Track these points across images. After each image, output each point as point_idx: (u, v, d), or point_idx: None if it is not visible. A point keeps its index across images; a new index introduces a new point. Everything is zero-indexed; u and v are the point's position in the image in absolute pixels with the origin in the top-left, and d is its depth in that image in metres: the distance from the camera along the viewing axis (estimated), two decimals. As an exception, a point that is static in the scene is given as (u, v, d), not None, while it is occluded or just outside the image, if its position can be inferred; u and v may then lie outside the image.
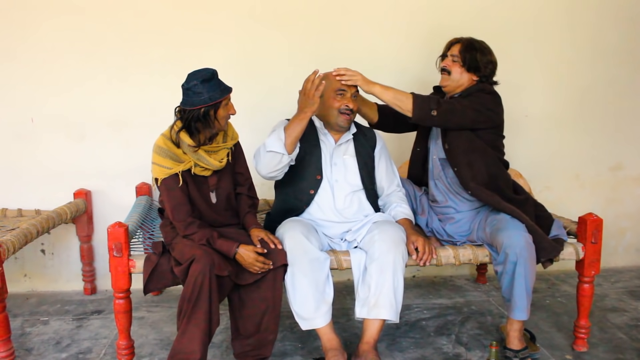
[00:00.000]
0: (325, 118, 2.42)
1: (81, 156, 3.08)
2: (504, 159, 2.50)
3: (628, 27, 3.35)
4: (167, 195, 2.14)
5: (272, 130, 2.33)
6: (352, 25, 3.14)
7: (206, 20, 3.04)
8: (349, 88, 2.35)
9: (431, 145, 2.57)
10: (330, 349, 2.17)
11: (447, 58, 2.48)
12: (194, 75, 2.06)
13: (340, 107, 2.35)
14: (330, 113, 2.38)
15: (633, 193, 3.53)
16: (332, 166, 2.44)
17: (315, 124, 2.47)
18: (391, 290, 2.16)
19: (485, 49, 2.46)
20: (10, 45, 2.97)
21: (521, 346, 2.29)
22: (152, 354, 2.44)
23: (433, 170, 2.56)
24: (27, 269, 3.18)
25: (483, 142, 2.38)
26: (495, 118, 2.40)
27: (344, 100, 2.35)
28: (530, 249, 2.19)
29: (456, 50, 2.45)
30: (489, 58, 2.45)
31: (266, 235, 2.19)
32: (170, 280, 2.15)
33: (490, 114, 2.36)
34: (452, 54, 2.46)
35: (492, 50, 2.47)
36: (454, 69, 2.45)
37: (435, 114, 2.29)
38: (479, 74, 2.44)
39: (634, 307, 2.93)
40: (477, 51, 2.42)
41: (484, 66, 2.43)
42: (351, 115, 2.38)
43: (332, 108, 2.36)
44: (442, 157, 2.47)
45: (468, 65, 2.42)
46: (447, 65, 2.47)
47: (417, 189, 2.67)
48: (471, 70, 2.43)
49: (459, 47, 2.45)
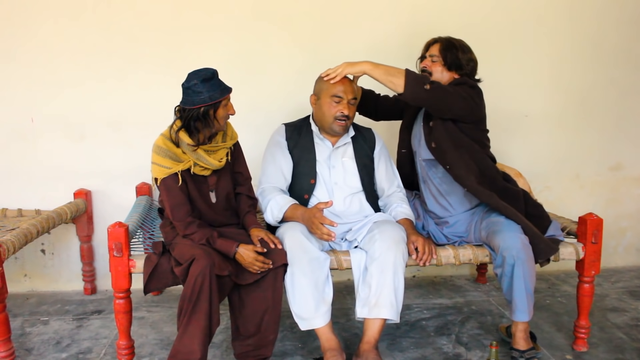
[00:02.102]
0: (320, 122, 2.42)
1: (81, 156, 3.08)
2: (490, 153, 2.47)
3: (628, 27, 3.35)
4: (167, 195, 2.14)
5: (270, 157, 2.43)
6: (353, 25, 3.14)
7: (206, 20, 3.04)
8: (345, 94, 2.33)
9: (415, 146, 2.55)
10: (329, 349, 2.17)
11: (427, 59, 2.48)
12: (195, 75, 2.06)
13: (336, 113, 2.34)
14: (326, 119, 2.37)
15: (633, 193, 3.53)
16: (330, 169, 2.44)
17: (312, 128, 2.47)
18: (392, 290, 2.16)
19: (465, 47, 2.44)
20: (11, 45, 2.97)
21: (527, 346, 2.27)
22: (152, 354, 2.44)
23: (420, 172, 2.55)
24: (27, 269, 3.18)
25: (468, 138, 2.36)
26: (477, 111, 2.37)
27: (340, 106, 2.34)
28: (527, 250, 2.18)
29: (435, 50, 2.44)
30: (469, 56, 2.44)
31: (266, 235, 2.19)
32: (170, 280, 2.15)
33: (474, 105, 2.34)
34: (431, 54, 2.46)
35: (471, 49, 2.46)
36: (435, 69, 2.44)
37: (428, 88, 2.24)
38: (460, 72, 2.43)
39: (634, 307, 2.93)
40: (457, 49, 2.42)
41: (465, 64, 2.42)
42: (347, 121, 2.36)
43: (328, 114, 2.35)
44: (427, 157, 2.45)
45: (449, 64, 2.41)
46: (427, 66, 2.46)
47: (409, 193, 2.65)
48: (452, 69, 2.42)
49: (438, 47, 2.44)
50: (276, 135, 2.49)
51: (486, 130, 2.48)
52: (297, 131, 2.48)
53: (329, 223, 2.13)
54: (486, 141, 2.47)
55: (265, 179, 2.42)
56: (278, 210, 2.32)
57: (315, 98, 2.42)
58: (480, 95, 2.40)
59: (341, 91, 2.33)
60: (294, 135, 2.46)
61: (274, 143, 2.47)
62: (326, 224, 2.13)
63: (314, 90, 2.45)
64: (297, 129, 2.49)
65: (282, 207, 2.31)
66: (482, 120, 2.44)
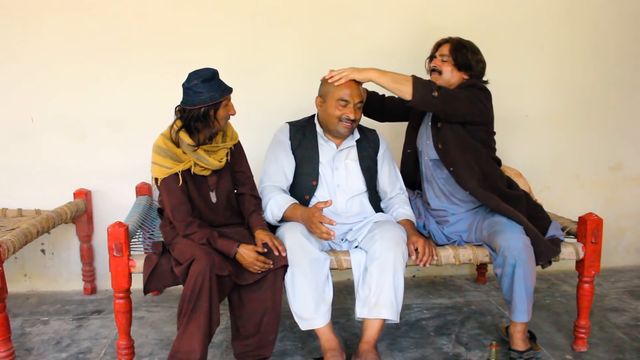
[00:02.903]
0: (325, 124, 2.41)
1: (81, 156, 3.08)
2: (495, 156, 2.48)
3: (629, 27, 3.35)
4: (167, 195, 2.14)
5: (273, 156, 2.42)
6: (354, 25, 3.14)
7: (207, 19, 3.04)
8: (352, 98, 2.31)
9: (421, 147, 2.55)
10: (329, 350, 2.17)
11: (436, 58, 2.48)
12: (195, 75, 2.06)
13: (341, 116, 2.33)
14: (331, 121, 2.36)
15: (633, 193, 3.53)
16: (334, 171, 2.44)
17: (317, 129, 2.46)
18: (392, 290, 2.16)
19: (475, 48, 2.46)
20: (11, 45, 2.97)
21: (525, 347, 2.28)
22: (152, 354, 2.44)
23: (425, 172, 2.55)
24: (27, 268, 3.18)
25: (475, 140, 2.37)
26: (487, 113, 2.38)
27: (346, 110, 2.32)
28: (529, 251, 2.18)
29: (446, 50, 2.45)
30: (479, 57, 2.45)
31: (270, 240, 2.17)
32: (170, 280, 2.15)
33: (483, 108, 2.35)
34: (442, 53, 2.46)
35: (480, 50, 2.47)
36: (445, 69, 2.44)
37: (436, 95, 2.24)
38: (470, 73, 2.44)
39: (634, 307, 2.93)
40: (467, 50, 2.43)
41: (475, 65, 2.43)
42: (352, 124, 2.36)
43: (333, 116, 2.34)
44: (433, 158, 2.45)
45: (459, 64, 2.42)
46: (437, 65, 2.47)
47: (410, 192, 2.65)
48: (462, 69, 2.43)
49: (448, 47, 2.45)
50: (279, 134, 2.48)
51: (493, 133, 2.48)
52: (301, 131, 2.47)
53: (327, 222, 2.13)
54: (492, 143, 2.48)
55: (266, 177, 2.42)
56: (278, 210, 2.32)
57: (321, 100, 2.40)
58: (489, 97, 2.41)
59: (348, 95, 2.31)
60: (298, 135, 2.46)
61: (277, 142, 2.46)
62: (325, 222, 2.13)
63: (319, 92, 2.42)
64: (301, 128, 2.48)
65: (282, 207, 2.31)
66: (490, 122, 2.45)
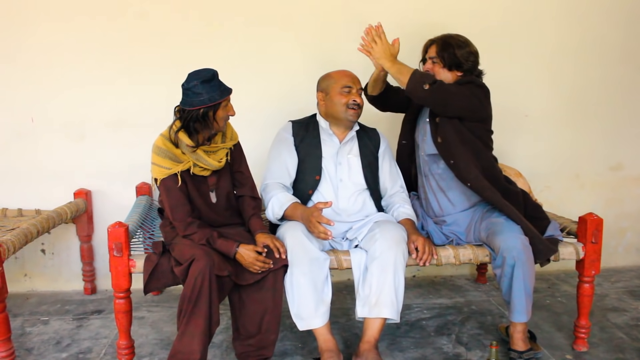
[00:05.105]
0: (333, 115, 2.45)
1: (81, 156, 3.08)
2: (493, 155, 2.48)
3: (629, 27, 3.35)
4: (167, 195, 2.14)
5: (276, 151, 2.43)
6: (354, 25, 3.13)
7: (207, 19, 3.04)
8: (354, 84, 2.41)
9: (418, 141, 2.56)
10: (326, 350, 2.17)
11: (427, 62, 2.49)
12: (195, 75, 2.06)
13: (348, 102, 2.39)
14: (339, 109, 2.41)
15: (633, 193, 3.53)
16: (337, 165, 2.45)
17: (321, 124, 2.49)
18: (392, 289, 2.16)
19: (462, 42, 2.43)
20: (11, 46, 2.97)
21: (525, 347, 2.27)
22: (152, 354, 2.44)
23: (422, 167, 2.55)
24: (27, 268, 3.18)
25: (473, 136, 2.37)
26: (483, 110, 2.38)
27: (351, 95, 2.40)
28: (527, 251, 2.18)
29: (433, 52, 2.45)
30: (467, 50, 2.42)
31: (272, 242, 2.17)
32: (170, 280, 2.15)
33: (479, 104, 2.35)
34: (431, 56, 2.47)
35: (469, 41, 2.45)
36: (437, 70, 2.44)
37: (427, 88, 2.27)
38: (461, 69, 2.43)
39: (634, 307, 2.93)
40: (453, 47, 2.41)
41: (464, 60, 2.42)
42: (358, 109, 2.43)
43: (340, 104, 2.40)
44: (431, 152, 2.46)
45: (449, 64, 2.42)
46: (429, 69, 2.47)
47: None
48: (453, 68, 2.43)
49: (435, 49, 2.45)
50: (282, 132, 2.51)
51: (490, 131, 2.48)
52: (304, 128, 2.51)
53: (326, 222, 2.14)
54: (489, 142, 2.47)
55: (269, 174, 2.44)
56: (279, 208, 2.33)
57: (323, 94, 2.47)
58: (487, 95, 2.41)
59: (350, 81, 2.42)
60: (301, 132, 2.49)
61: (280, 139, 2.49)
62: (323, 222, 2.14)
63: (319, 88, 2.49)
64: (304, 125, 2.52)
65: (282, 205, 2.32)
66: (487, 119, 2.44)
